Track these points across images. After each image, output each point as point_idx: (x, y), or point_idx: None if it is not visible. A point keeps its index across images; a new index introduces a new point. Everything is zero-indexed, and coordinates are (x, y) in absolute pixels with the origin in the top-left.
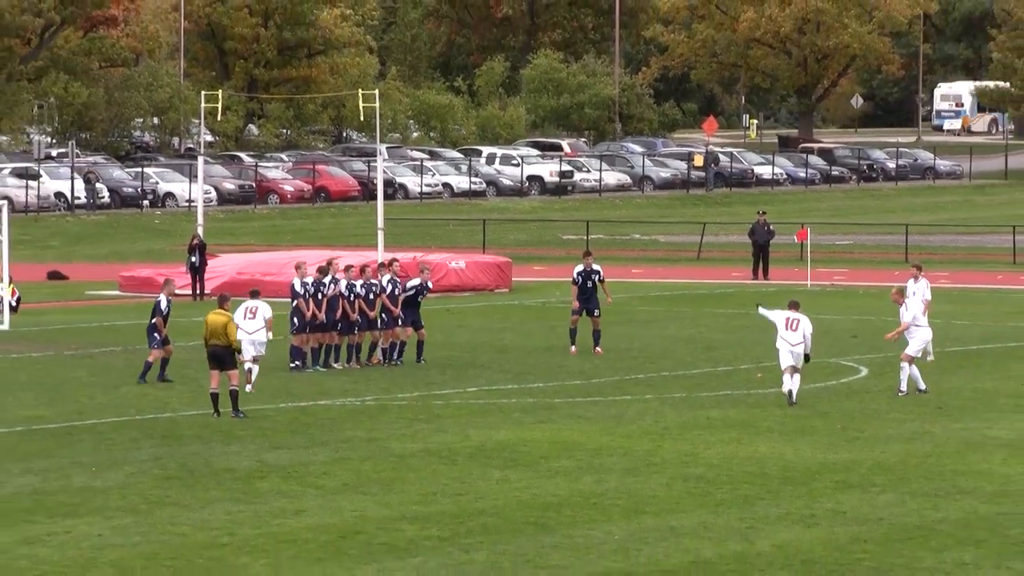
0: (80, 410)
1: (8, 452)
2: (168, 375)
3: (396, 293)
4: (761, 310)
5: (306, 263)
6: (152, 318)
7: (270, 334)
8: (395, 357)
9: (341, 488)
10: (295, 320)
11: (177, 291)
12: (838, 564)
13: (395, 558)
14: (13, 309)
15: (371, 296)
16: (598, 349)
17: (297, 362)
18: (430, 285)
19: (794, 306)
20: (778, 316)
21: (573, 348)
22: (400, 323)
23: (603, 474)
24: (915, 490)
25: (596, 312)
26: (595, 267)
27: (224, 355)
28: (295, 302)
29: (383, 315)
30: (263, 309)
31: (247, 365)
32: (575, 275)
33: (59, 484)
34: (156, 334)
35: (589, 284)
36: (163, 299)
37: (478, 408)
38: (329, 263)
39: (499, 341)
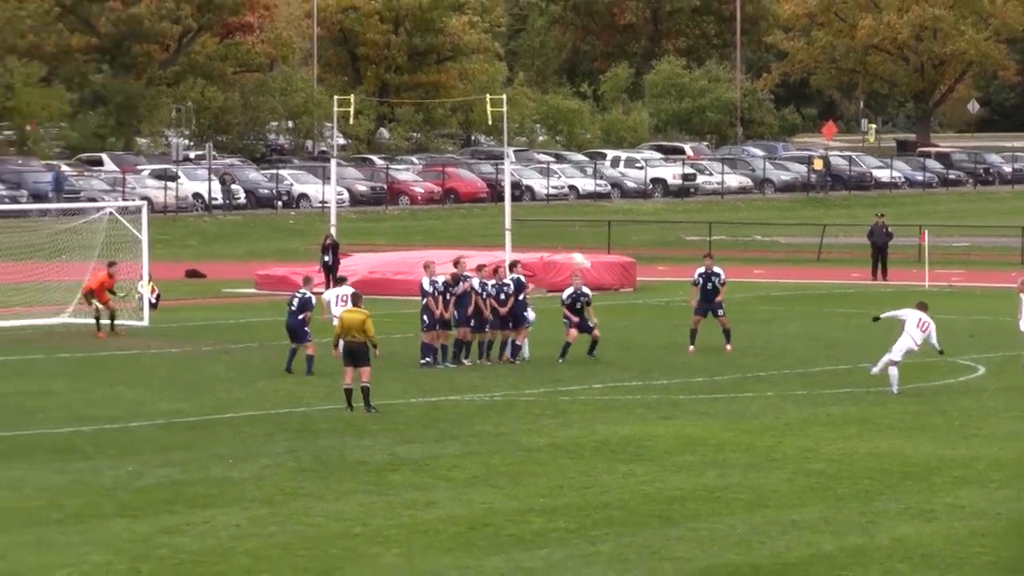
0: (218, 404)
1: (150, 444)
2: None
3: (522, 296)
4: (884, 315)
5: (435, 263)
6: (299, 313)
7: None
8: (513, 356)
9: (471, 481)
10: (425, 318)
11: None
12: (957, 558)
13: (523, 549)
14: (153, 306)
15: (502, 296)
16: (728, 347)
17: (428, 358)
18: (586, 290)
19: (923, 307)
20: (909, 314)
21: (691, 348)
22: (527, 324)
23: (726, 469)
24: None
25: (720, 312)
26: (716, 269)
27: (359, 352)
28: (424, 300)
29: (515, 314)
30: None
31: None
32: (696, 276)
33: (198, 475)
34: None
35: (709, 286)
36: (307, 293)
37: (603, 404)
38: (457, 261)
39: (623, 339)
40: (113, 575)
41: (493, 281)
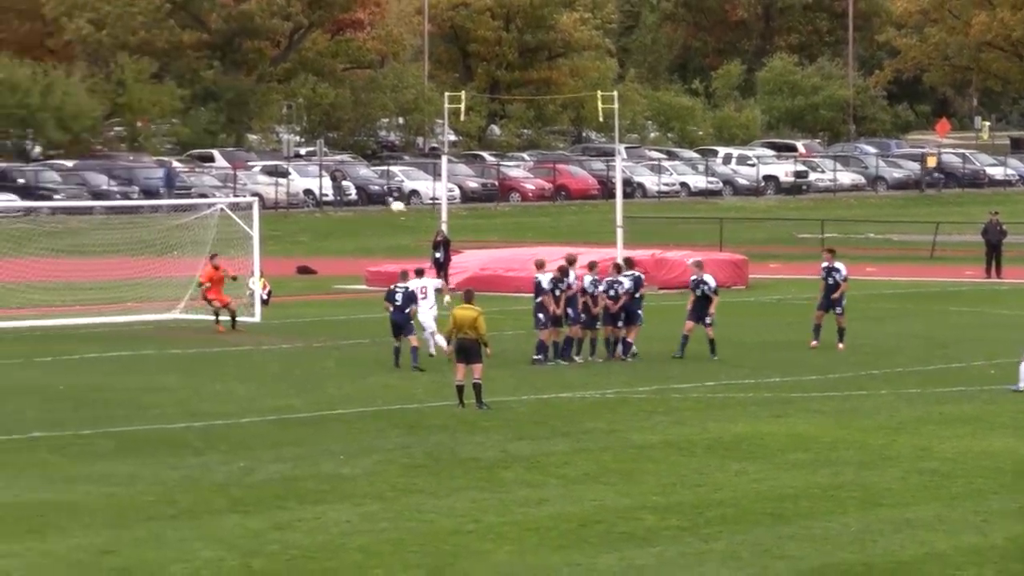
0: (329, 400)
1: (261, 440)
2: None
3: (638, 293)
4: None
5: (547, 260)
6: (405, 308)
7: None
8: (624, 353)
9: (582, 478)
10: (540, 315)
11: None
12: None
13: (635, 547)
14: (264, 302)
15: (612, 293)
16: (840, 345)
17: (540, 355)
18: (711, 283)
19: None
20: None
21: (814, 342)
22: (639, 322)
23: (839, 467)
24: None
25: (838, 309)
26: (837, 265)
27: (472, 348)
28: (539, 298)
29: (624, 312)
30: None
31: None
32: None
33: (309, 471)
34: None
35: (830, 280)
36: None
37: (716, 401)
38: (571, 260)
39: (736, 337)
40: (225, 571)
41: (608, 278)
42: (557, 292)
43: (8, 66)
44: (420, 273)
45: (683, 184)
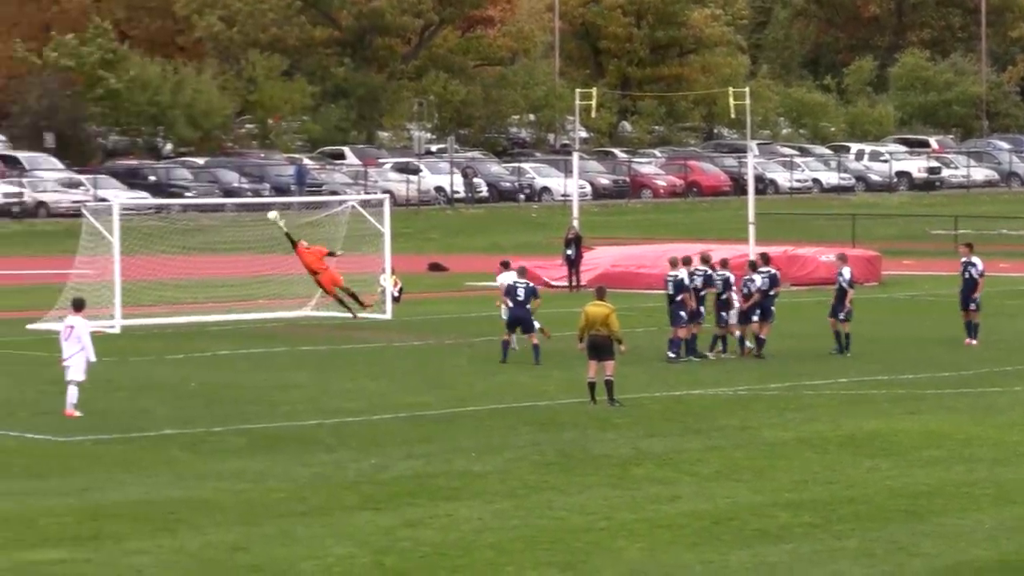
0: (460, 397)
1: (393, 436)
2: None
3: (774, 291)
4: None
5: (680, 257)
6: (526, 303)
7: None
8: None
9: (714, 475)
10: (681, 313)
11: (553, 282)
12: None
13: (768, 544)
14: (396, 299)
15: (745, 290)
16: (972, 341)
17: (673, 353)
18: (846, 275)
19: None
20: None
21: (969, 340)
22: (772, 319)
23: (973, 464)
24: None
25: (972, 305)
26: (974, 259)
27: (604, 345)
28: (679, 296)
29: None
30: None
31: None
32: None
33: (441, 468)
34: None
35: (967, 275)
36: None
37: (848, 398)
38: (706, 258)
39: (869, 333)
40: (356, 568)
41: (747, 276)
42: (697, 290)
43: (139, 64)
44: (506, 266)
45: (815, 180)
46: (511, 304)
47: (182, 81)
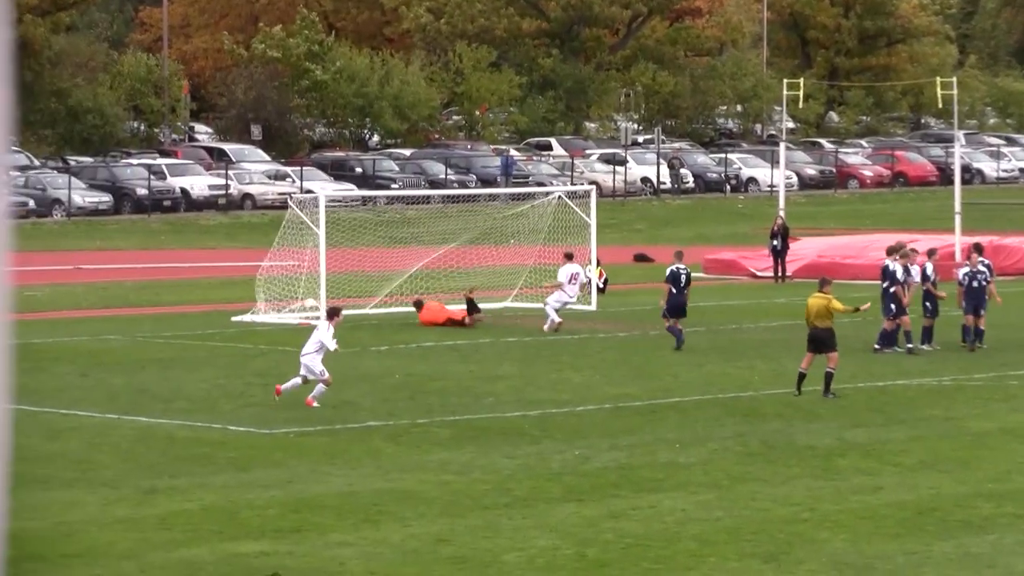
0: (665, 388)
1: (597, 428)
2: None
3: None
4: None
5: (903, 247)
6: (890, 286)
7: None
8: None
9: (918, 466)
10: (893, 305)
11: (759, 273)
12: None
13: (971, 534)
14: (600, 290)
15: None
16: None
17: (879, 344)
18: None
19: None
20: None
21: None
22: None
23: None
24: None
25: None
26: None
27: (824, 338)
28: (892, 287)
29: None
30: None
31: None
32: None
33: (644, 460)
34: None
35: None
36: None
37: None
38: (900, 247)
39: None
40: (559, 559)
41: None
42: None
43: (346, 55)
44: (570, 257)
45: (1022, 170)
46: (674, 291)
47: (389, 73)
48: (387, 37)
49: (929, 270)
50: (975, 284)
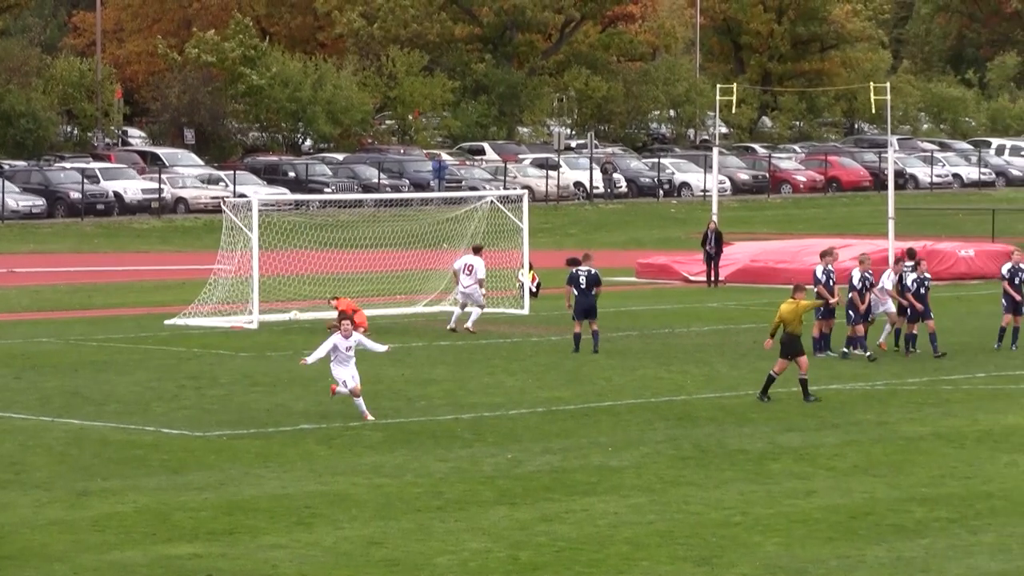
0: (598, 391)
1: (530, 431)
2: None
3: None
4: None
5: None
6: (591, 290)
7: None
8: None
9: (851, 470)
10: (851, 312)
11: (692, 278)
12: None
13: (904, 539)
14: (533, 295)
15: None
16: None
17: (846, 348)
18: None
19: None
20: None
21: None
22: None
23: None
24: None
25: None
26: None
27: (795, 343)
28: (851, 294)
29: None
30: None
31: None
32: None
33: (577, 463)
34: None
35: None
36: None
37: (987, 393)
38: (830, 251)
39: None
40: (492, 562)
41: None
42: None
43: (280, 60)
44: (477, 250)
45: (955, 175)
46: (575, 292)
47: (322, 77)
48: (320, 42)
49: (856, 277)
50: (922, 291)
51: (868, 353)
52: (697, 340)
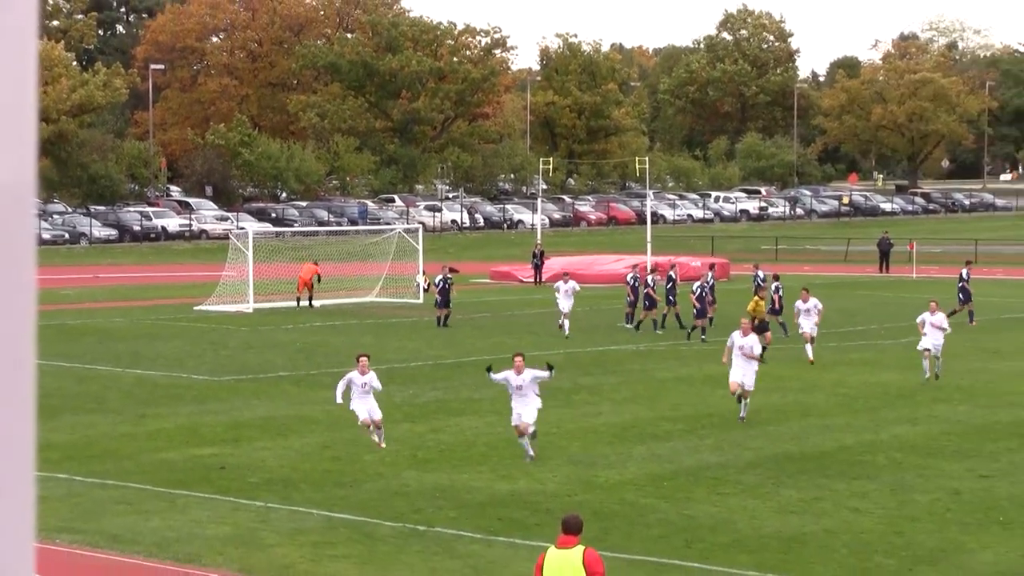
0: (466, 351)
1: (424, 376)
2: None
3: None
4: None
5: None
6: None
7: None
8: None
9: (624, 400)
10: (647, 302)
11: (524, 279)
12: (933, 448)
13: (657, 442)
14: (426, 290)
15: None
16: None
17: (627, 324)
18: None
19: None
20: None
21: None
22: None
23: (783, 392)
24: (981, 404)
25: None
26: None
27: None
28: (646, 290)
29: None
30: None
31: None
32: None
33: (453, 396)
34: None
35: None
36: (648, 277)
37: (704, 352)
38: (635, 265)
39: (731, 312)
40: (400, 458)
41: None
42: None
43: (265, 143)
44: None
45: (688, 215)
46: (435, 288)
47: (292, 154)
48: (291, 131)
49: (651, 279)
50: (704, 294)
51: (633, 326)
52: (528, 319)
